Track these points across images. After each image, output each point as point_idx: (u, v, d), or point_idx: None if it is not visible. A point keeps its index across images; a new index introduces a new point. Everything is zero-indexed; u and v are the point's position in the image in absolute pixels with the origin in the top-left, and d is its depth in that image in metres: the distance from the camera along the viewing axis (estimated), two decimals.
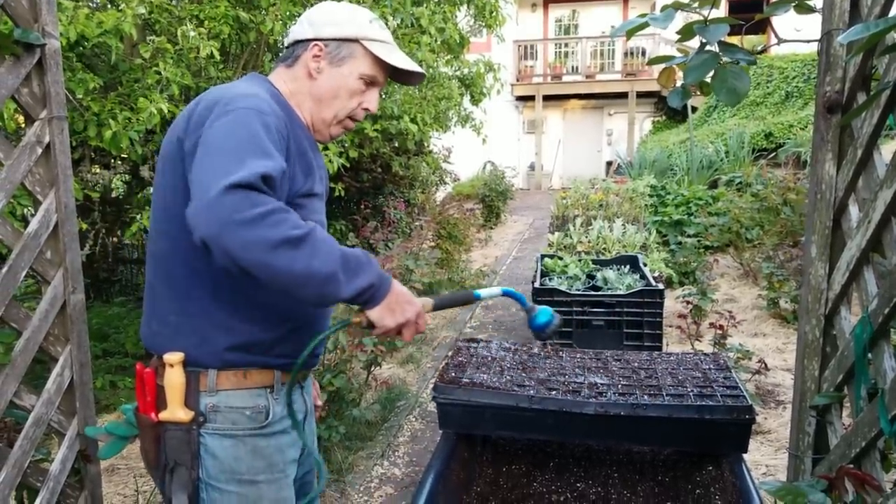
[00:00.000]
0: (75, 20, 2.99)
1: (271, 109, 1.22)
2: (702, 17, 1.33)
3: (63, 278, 1.63)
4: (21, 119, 3.21)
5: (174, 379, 1.22)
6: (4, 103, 1.47)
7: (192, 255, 1.22)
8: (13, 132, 3.08)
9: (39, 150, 1.54)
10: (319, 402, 1.66)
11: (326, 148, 4.38)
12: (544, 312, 1.49)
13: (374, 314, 1.19)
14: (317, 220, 1.35)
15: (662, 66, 1.51)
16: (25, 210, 3.18)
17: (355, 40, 1.35)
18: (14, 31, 1.45)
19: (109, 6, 3.74)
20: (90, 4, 3.78)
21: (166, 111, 3.22)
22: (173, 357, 1.22)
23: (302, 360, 1.25)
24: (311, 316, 1.36)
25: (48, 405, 1.60)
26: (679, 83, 1.48)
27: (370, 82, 1.39)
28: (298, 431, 1.36)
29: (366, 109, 1.41)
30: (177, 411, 1.23)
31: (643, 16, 1.36)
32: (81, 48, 3.34)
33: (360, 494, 2.98)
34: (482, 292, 1.45)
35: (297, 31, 1.39)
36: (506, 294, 1.51)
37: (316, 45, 1.35)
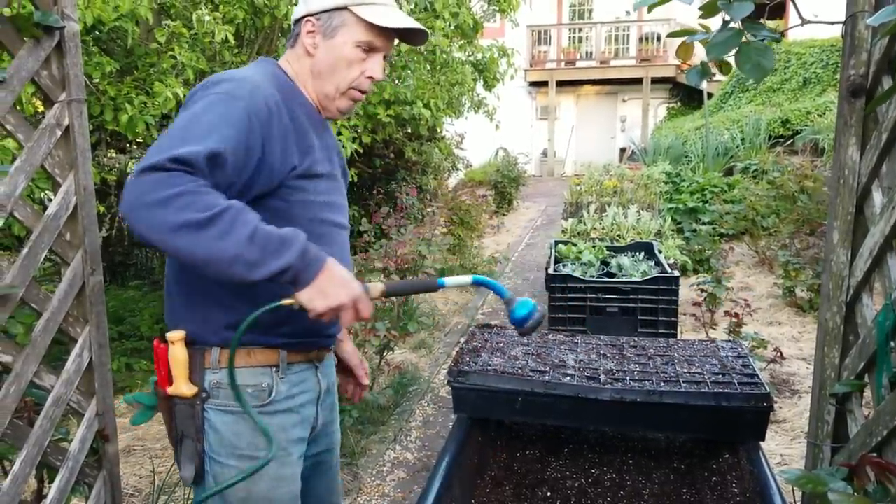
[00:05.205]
0: (92, 4, 2.99)
1: (249, 93, 1.20)
2: None
3: (82, 260, 1.64)
4: (38, 104, 3.23)
5: (177, 355, 1.27)
6: (23, 86, 1.48)
7: None
8: (31, 115, 3.10)
9: (59, 133, 1.54)
10: (366, 382, 1.67)
11: (339, 133, 4.38)
12: (524, 304, 1.32)
13: (303, 296, 1.15)
14: (322, 202, 1.34)
15: (681, 40, 1.48)
16: (42, 194, 3.21)
17: (343, 8, 1.31)
18: (34, 13, 1.45)
19: None
20: None
21: (181, 95, 3.23)
22: (174, 335, 1.27)
23: (237, 337, 1.20)
24: None
25: (67, 385, 1.62)
26: (697, 61, 1.46)
27: (369, 49, 1.34)
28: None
29: (370, 78, 1.36)
30: (181, 386, 1.28)
31: None
32: (98, 32, 3.35)
33: (373, 478, 3.00)
34: (448, 280, 1.31)
35: (295, 10, 1.38)
36: (477, 283, 1.33)
37: (308, 20, 1.33)
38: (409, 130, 6.45)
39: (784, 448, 3.10)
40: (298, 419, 1.37)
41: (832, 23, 1.53)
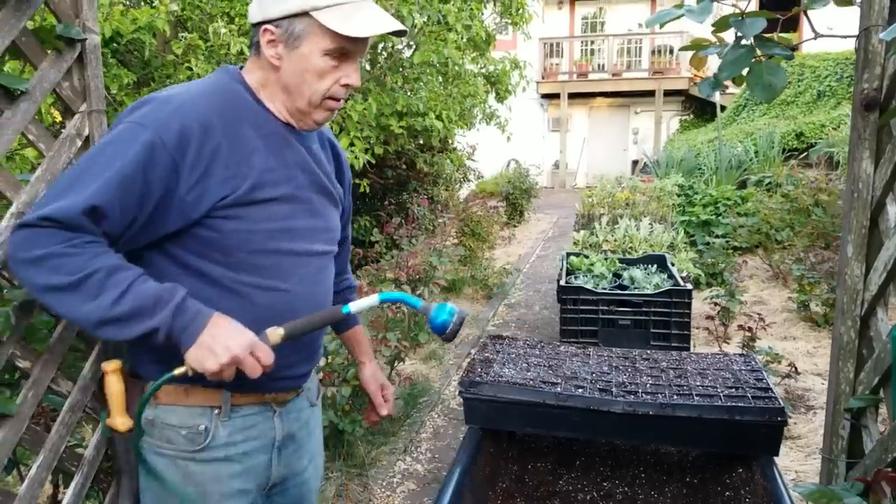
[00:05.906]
0: (110, 17, 3.05)
1: (162, 119, 1.10)
2: (734, 11, 1.31)
3: None
4: (57, 114, 3.28)
5: (110, 386, 1.21)
6: (45, 97, 1.50)
7: None
8: (50, 125, 3.15)
9: (79, 143, 1.57)
10: (384, 412, 1.56)
11: (352, 144, 4.41)
12: (440, 310, 1.24)
13: (190, 357, 1.08)
14: (274, 229, 1.21)
15: (693, 52, 1.49)
16: None
17: (305, 13, 1.14)
18: (56, 26, 1.48)
19: (143, 3, 3.80)
20: (125, 2, 3.85)
21: None
22: (107, 365, 1.22)
23: (139, 410, 1.16)
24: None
25: (84, 391, 1.63)
26: (710, 71, 1.46)
27: (340, 55, 1.18)
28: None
29: (346, 86, 1.21)
30: (116, 419, 1.21)
31: (678, 7, 1.35)
32: (116, 44, 3.40)
33: (383, 489, 2.99)
34: (353, 305, 1.23)
35: (250, 12, 1.22)
36: (385, 300, 1.27)
37: (266, 29, 1.17)
38: (421, 142, 6.49)
39: (799, 464, 3.06)
40: (239, 469, 1.24)
41: (845, 37, 1.54)
